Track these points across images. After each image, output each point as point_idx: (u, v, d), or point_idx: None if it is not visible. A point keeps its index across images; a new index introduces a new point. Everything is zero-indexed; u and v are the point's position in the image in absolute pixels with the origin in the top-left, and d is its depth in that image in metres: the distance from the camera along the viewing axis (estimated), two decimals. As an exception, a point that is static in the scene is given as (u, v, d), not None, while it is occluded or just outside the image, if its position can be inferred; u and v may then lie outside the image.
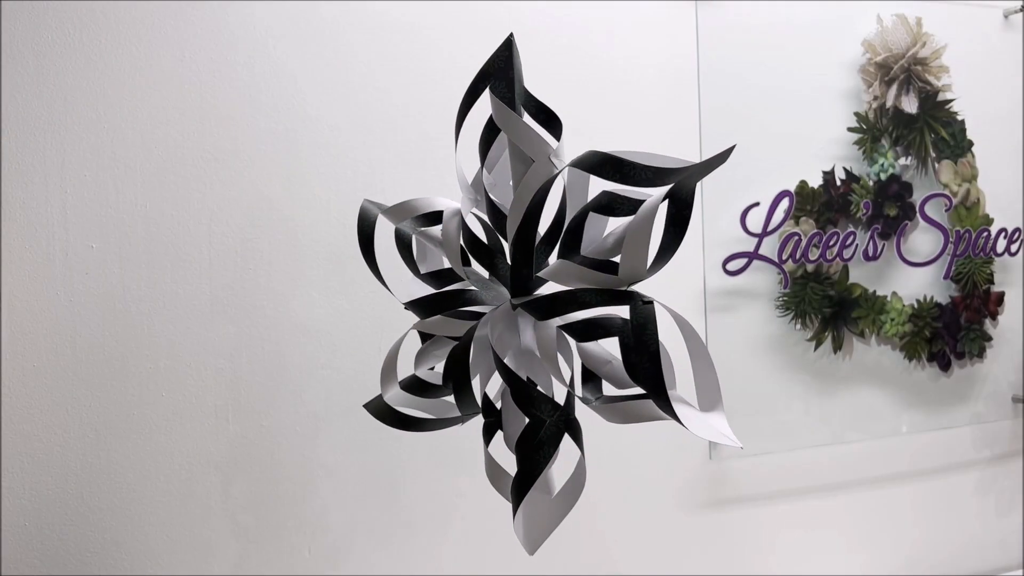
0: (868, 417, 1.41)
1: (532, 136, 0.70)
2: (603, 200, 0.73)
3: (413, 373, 0.82)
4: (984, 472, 1.54)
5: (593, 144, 0.97)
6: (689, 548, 1.31)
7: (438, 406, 0.83)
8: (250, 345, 1.06)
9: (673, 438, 1.29)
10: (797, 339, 1.35)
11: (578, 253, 0.75)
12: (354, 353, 1.11)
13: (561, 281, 0.73)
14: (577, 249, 0.75)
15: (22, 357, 0.98)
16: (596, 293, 0.71)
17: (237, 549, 1.07)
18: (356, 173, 1.10)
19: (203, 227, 1.04)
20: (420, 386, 0.82)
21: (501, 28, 0.79)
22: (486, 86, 0.73)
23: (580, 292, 0.72)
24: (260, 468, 1.07)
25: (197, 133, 1.03)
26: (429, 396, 0.82)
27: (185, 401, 1.04)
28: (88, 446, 1.00)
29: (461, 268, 0.76)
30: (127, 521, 1.02)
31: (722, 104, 1.28)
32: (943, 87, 1.41)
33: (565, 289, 0.73)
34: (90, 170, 0.99)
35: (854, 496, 1.43)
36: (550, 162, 0.70)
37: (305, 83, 1.08)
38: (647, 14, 1.25)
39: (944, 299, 1.44)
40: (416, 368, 0.81)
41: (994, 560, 1.56)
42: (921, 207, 1.39)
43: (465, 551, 1.17)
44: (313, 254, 1.08)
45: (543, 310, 0.73)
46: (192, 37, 1.03)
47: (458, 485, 1.16)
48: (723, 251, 1.27)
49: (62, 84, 0.98)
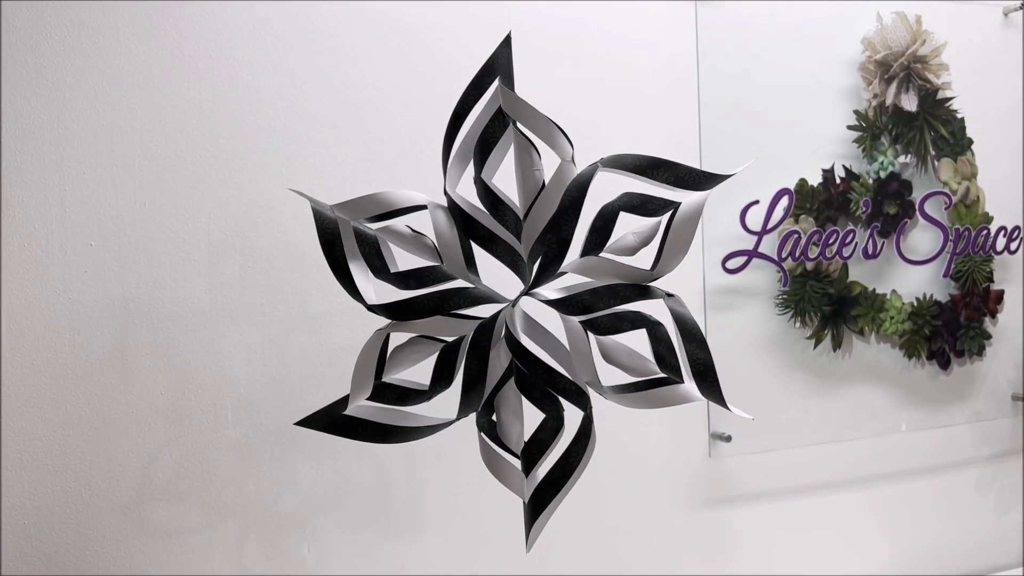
0: (867, 415, 1.41)
1: (553, 130, 0.72)
2: (635, 201, 0.75)
3: (382, 381, 0.78)
4: (983, 470, 1.54)
5: (593, 144, 0.97)
6: (688, 546, 1.31)
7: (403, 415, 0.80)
8: (249, 343, 1.06)
9: (673, 437, 1.29)
10: (796, 337, 1.35)
11: (602, 250, 0.77)
12: (355, 352, 1.10)
13: (594, 276, 0.75)
14: (602, 247, 0.76)
15: (21, 355, 0.98)
16: (631, 288, 0.74)
17: (237, 547, 1.07)
18: (356, 171, 1.10)
19: (202, 225, 1.04)
20: (399, 394, 0.79)
21: (501, 27, 0.78)
22: (492, 79, 0.73)
23: (619, 287, 0.75)
24: (259, 466, 1.07)
25: (196, 131, 1.03)
26: (408, 403, 0.79)
27: (184, 400, 1.04)
28: (87, 444, 1.00)
29: (464, 267, 0.76)
30: (127, 520, 1.02)
31: (722, 102, 1.28)
32: (943, 85, 1.41)
33: (602, 284, 0.75)
34: (89, 168, 0.99)
35: (853, 494, 1.43)
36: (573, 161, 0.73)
37: (304, 81, 1.07)
38: (647, 13, 1.25)
39: (944, 297, 1.44)
40: (389, 374, 0.78)
41: (994, 558, 1.56)
42: (921, 205, 1.39)
43: (465, 550, 1.17)
44: (313, 252, 1.08)
45: (581, 306, 0.75)
46: (191, 35, 1.03)
47: (457, 483, 1.16)
48: (722, 249, 1.27)
49: (61, 82, 0.98)
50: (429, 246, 0.77)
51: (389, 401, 0.78)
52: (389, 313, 0.74)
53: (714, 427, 1.29)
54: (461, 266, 0.75)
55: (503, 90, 0.72)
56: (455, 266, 0.75)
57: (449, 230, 0.74)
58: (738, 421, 1.30)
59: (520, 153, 0.76)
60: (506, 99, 0.72)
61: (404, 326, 0.76)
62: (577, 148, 0.75)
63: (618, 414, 1.23)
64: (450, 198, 0.75)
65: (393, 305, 0.73)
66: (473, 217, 0.75)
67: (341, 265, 0.73)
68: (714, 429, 1.29)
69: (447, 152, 0.78)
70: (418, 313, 0.74)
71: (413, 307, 0.74)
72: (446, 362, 0.76)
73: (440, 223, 0.74)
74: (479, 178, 0.76)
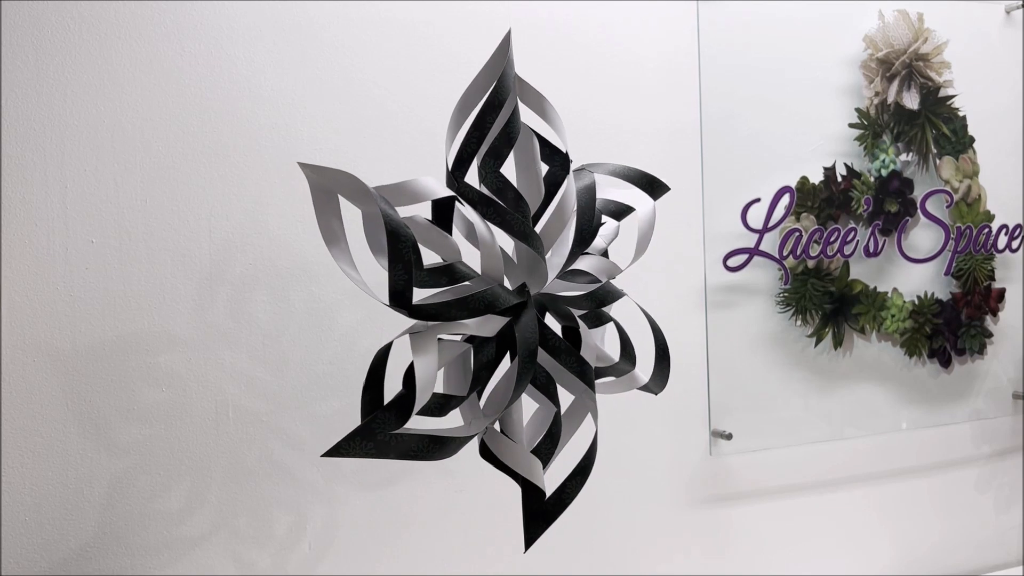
0: (868, 413, 1.41)
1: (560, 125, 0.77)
2: (611, 207, 0.82)
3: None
4: (984, 468, 1.54)
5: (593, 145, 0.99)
6: (689, 544, 1.31)
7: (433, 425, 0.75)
8: (250, 341, 1.06)
9: (674, 435, 1.29)
10: (797, 335, 1.35)
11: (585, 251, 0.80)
12: (355, 349, 1.11)
13: (602, 275, 0.80)
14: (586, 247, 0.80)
15: (22, 352, 0.98)
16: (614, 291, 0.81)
17: (237, 545, 1.07)
18: (355, 169, 1.09)
19: (203, 222, 1.04)
20: (441, 402, 0.71)
21: (502, 25, 0.78)
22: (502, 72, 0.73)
23: (612, 286, 0.80)
24: (260, 464, 1.07)
25: (197, 128, 1.03)
26: (448, 411, 0.72)
27: (185, 397, 1.04)
28: (88, 441, 1.00)
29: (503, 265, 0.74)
30: (127, 517, 1.02)
31: (723, 101, 1.28)
32: (944, 83, 1.41)
33: (605, 282, 0.79)
34: (90, 165, 0.99)
35: (854, 492, 1.43)
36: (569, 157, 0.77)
37: (305, 79, 1.07)
38: (649, 12, 1.25)
39: (945, 295, 1.44)
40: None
41: (994, 556, 1.56)
42: (922, 203, 1.39)
43: (464, 548, 1.17)
44: (313, 250, 1.08)
45: (598, 300, 0.79)
46: (192, 32, 1.03)
47: (457, 482, 1.16)
48: (724, 247, 1.27)
49: (62, 79, 0.98)
50: (450, 241, 0.75)
51: (433, 411, 0.71)
52: (446, 313, 0.68)
53: (715, 425, 1.29)
54: (501, 264, 0.73)
55: (522, 82, 0.73)
56: (494, 264, 0.72)
57: (486, 227, 0.73)
58: (738, 417, 1.30)
59: (529, 149, 0.76)
60: (524, 91, 0.74)
61: (452, 326, 0.71)
62: (576, 149, 0.77)
63: (620, 412, 1.24)
64: (482, 194, 0.72)
65: (448, 304, 0.69)
66: (512, 213, 0.73)
67: (406, 262, 0.66)
68: (715, 427, 1.29)
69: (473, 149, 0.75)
70: (472, 312, 0.69)
71: (469, 305, 0.69)
72: (485, 363, 0.73)
73: (477, 219, 0.72)
74: (500, 173, 0.74)
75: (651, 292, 1.26)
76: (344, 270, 0.69)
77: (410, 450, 0.67)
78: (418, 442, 0.68)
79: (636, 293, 1.26)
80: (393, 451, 0.66)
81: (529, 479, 0.74)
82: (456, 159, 0.74)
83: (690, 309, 1.29)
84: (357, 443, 0.64)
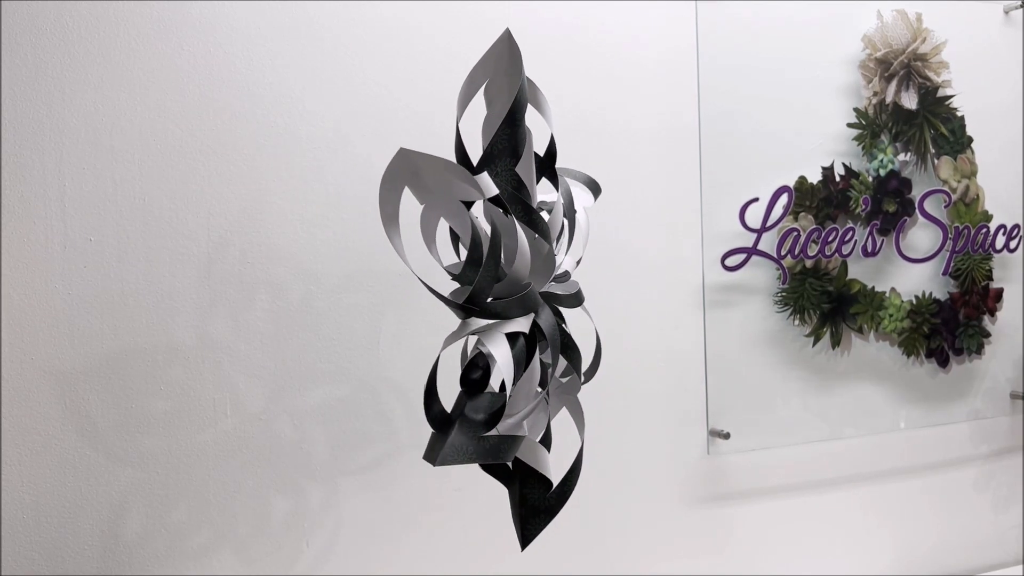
0: (866, 413, 1.41)
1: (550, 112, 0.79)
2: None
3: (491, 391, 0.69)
4: (982, 468, 1.54)
5: (591, 145, 0.99)
6: (687, 543, 1.32)
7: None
8: (248, 339, 1.06)
9: (671, 434, 1.29)
10: (795, 335, 1.35)
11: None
12: (355, 348, 1.11)
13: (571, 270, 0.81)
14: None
15: (20, 350, 0.98)
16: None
17: (236, 544, 1.07)
18: (355, 168, 1.10)
19: (202, 220, 1.04)
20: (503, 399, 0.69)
21: (502, 25, 0.78)
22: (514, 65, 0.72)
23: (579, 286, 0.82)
24: (259, 463, 1.07)
25: (195, 126, 1.03)
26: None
27: (183, 395, 1.04)
28: (86, 440, 1.00)
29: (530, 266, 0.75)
30: (126, 516, 1.02)
31: (722, 101, 1.28)
32: (943, 83, 1.41)
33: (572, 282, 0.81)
34: (88, 164, 0.99)
35: (852, 492, 1.43)
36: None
37: (304, 76, 1.07)
38: (647, 12, 1.25)
39: (943, 295, 1.44)
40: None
41: (992, 556, 1.56)
42: (920, 203, 1.39)
43: (464, 548, 1.17)
44: (312, 248, 1.08)
45: (580, 299, 0.82)
46: (190, 30, 1.03)
47: (456, 481, 1.16)
48: (721, 247, 1.27)
49: (60, 77, 0.98)
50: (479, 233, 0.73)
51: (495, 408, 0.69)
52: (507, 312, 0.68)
53: (713, 424, 1.29)
54: (530, 263, 0.71)
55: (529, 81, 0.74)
56: (526, 264, 0.71)
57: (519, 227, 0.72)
58: (736, 417, 1.30)
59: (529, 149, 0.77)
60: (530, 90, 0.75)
61: (508, 324, 0.70)
62: (576, 148, 0.77)
63: (617, 411, 1.24)
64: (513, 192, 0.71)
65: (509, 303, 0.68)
66: (537, 212, 0.72)
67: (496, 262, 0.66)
68: (713, 426, 1.29)
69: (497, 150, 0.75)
70: (526, 311, 0.69)
71: (525, 304, 0.69)
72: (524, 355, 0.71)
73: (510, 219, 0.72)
74: (516, 172, 0.74)
75: (649, 291, 1.26)
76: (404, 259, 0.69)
77: (496, 451, 0.65)
78: (498, 442, 0.66)
79: (635, 293, 1.27)
80: (490, 454, 0.65)
81: (537, 469, 0.73)
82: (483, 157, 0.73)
83: (688, 308, 1.29)
84: (458, 450, 0.64)
